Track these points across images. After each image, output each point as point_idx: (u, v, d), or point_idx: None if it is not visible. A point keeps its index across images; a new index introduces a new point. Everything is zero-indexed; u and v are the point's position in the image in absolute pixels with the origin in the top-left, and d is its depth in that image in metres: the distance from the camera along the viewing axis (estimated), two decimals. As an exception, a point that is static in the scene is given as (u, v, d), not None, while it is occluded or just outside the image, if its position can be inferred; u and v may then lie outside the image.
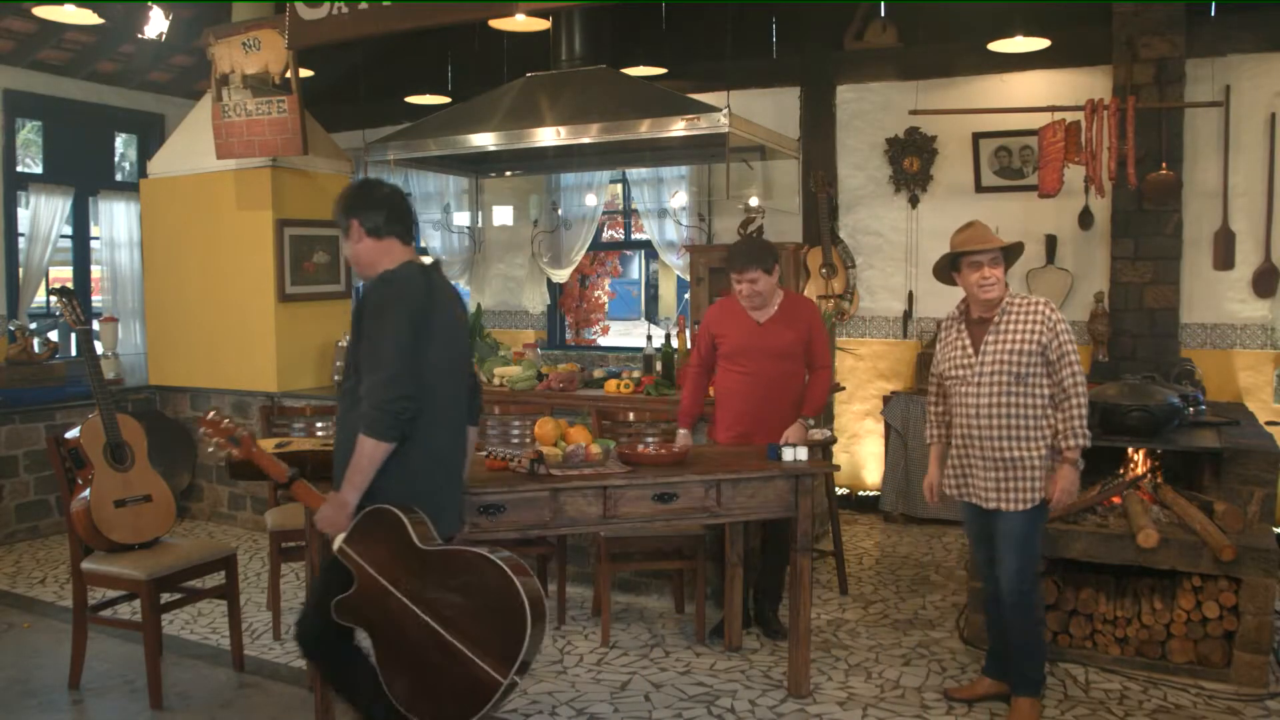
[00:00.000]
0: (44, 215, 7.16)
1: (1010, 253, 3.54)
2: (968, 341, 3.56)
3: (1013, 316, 3.48)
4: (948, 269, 3.61)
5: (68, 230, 7.55)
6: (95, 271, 7.81)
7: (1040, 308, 3.47)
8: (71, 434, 3.90)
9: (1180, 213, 5.79)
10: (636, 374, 5.53)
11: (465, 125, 5.72)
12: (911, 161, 6.65)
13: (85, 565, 3.84)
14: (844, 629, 4.54)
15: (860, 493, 6.80)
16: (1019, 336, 3.44)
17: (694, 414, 4.41)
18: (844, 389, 6.56)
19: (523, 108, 5.66)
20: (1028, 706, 3.52)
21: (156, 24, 5.76)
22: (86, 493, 3.80)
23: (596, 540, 4.43)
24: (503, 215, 8.30)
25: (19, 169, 7.26)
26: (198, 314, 6.50)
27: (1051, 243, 6.24)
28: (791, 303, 4.32)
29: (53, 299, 6.40)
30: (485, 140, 5.60)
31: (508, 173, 7.54)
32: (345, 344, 6.10)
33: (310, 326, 6.42)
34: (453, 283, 3.20)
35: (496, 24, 5.89)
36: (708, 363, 4.39)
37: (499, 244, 8.44)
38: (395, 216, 3.00)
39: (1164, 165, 5.65)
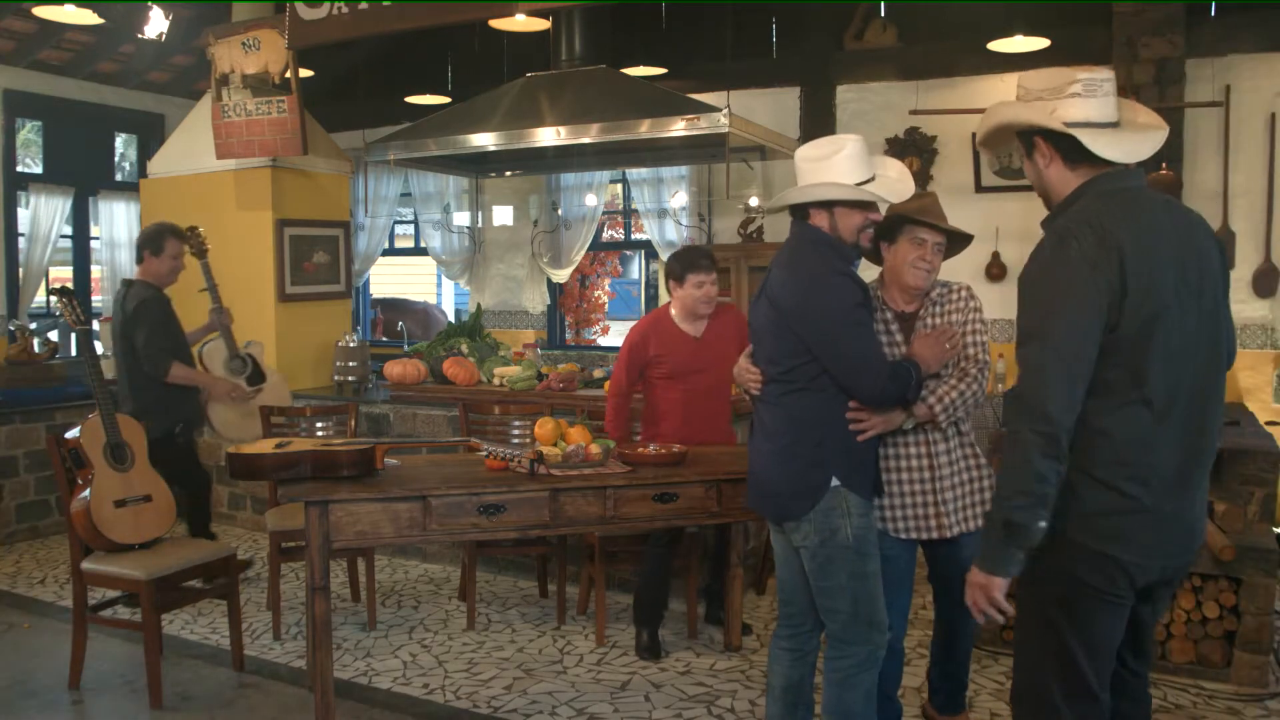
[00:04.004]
0: (44, 215, 7.16)
1: (954, 243, 3.13)
2: (900, 339, 3.08)
3: (941, 309, 3.09)
4: (879, 236, 3.05)
5: (68, 230, 7.55)
6: (95, 271, 7.81)
7: (963, 293, 3.12)
8: (71, 434, 3.90)
9: (1180, 213, 5.79)
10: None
11: (465, 125, 5.72)
12: (911, 161, 6.65)
13: (85, 565, 3.84)
14: (844, 629, 4.54)
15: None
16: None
17: (624, 433, 4.27)
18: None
19: (523, 108, 5.66)
20: None
21: (156, 24, 5.76)
22: (86, 493, 3.81)
23: (588, 539, 4.43)
24: (503, 215, 8.31)
25: (19, 169, 7.26)
26: (198, 314, 6.49)
27: (1051, 243, 6.23)
28: (719, 312, 4.23)
29: (53, 299, 6.39)
30: (485, 140, 5.59)
31: (508, 173, 7.53)
32: (344, 344, 6.11)
33: (310, 326, 6.42)
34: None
35: (496, 24, 5.89)
36: (634, 385, 4.28)
37: (499, 244, 8.44)
38: None
39: (1164, 165, 5.65)
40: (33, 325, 6.82)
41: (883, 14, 6.74)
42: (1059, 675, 2.23)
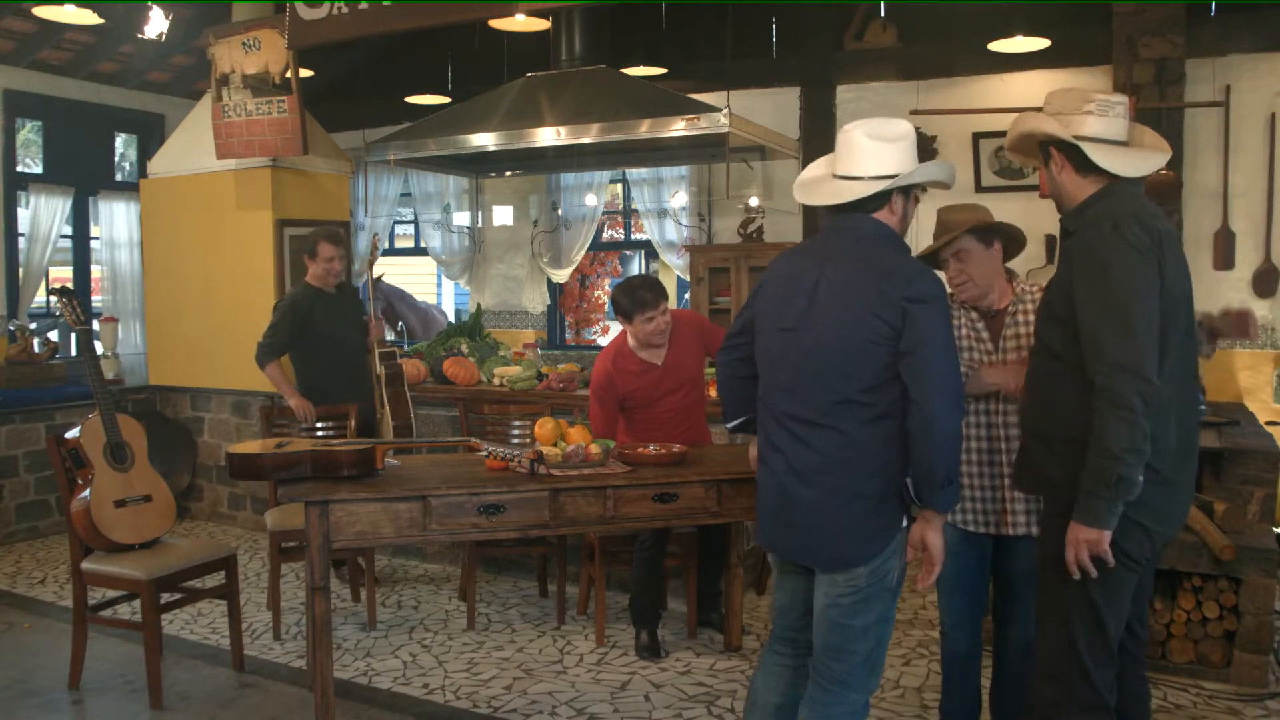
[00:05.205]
0: (44, 215, 7.16)
1: (993, 233, 3.03)
2: (985, 335, 3.03)
3: (1027, 305, 3.02)
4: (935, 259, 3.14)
5: (68, 230, 7.55)
6: (95, 271, 7.81)
7: (1040, 293, 2.98)
8: (71, 434, 3.90)
9: (1180, 213, 5.79)
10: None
11: (465, 125, 5.72)
12: (911, 161, 6.65)
13: (85, 565, 3.84)
14: (844, 629, 4.54)
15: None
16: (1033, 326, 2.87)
17: None
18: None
19: (523, 108, 5.66)
20: None
21: (156, 24, 5.76)
22: (86, 493, 3.81)
23: (587, 539, 4.43)
24: (503, 215, 8.31)
25: (19, 169, 7.26)
26: (198, 314, 6.50)
27: (1051, 243, 6.23)
28: (676, 328, 4.16)
29: (53, 299, 6.40)
30: (485, 140, 5.59)
31: (508, 173, 7.54)
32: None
33: (310, 326, 6.41)
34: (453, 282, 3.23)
35: (496, 24, 5.89)
36: (615, 422, 4.18)
37: (499, 244, 8.44)
38: None
39: (1164, 166, 5.65)
40: (33, 325, 6.82)
41: (883, 14, 6.73)
42: (1089, 644, 2.41)
